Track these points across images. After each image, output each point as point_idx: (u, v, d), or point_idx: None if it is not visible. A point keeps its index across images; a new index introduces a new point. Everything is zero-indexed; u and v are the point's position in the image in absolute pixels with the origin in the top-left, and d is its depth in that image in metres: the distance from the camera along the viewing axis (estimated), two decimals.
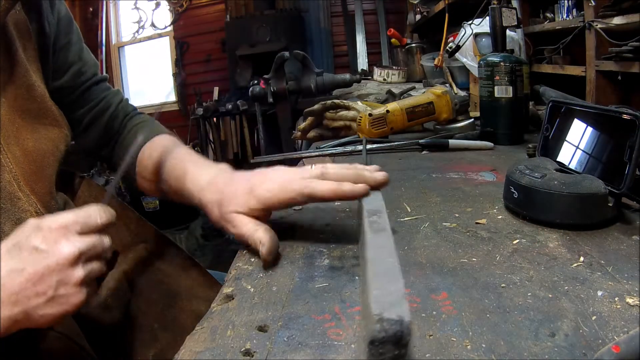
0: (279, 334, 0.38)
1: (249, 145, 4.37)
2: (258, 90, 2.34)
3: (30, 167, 0.58)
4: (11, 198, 0.55)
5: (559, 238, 0.52)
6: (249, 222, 0.53)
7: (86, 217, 0.47)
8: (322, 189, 0.50)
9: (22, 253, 0.43)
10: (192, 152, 0.68)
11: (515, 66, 1.00)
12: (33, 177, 0.58)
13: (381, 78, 2.77)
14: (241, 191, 0.54)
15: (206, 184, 0.59)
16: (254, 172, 0.57)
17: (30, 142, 0.59)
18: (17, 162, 0.56)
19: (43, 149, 0.60)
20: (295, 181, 0.52)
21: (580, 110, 0.65)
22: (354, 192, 0.50)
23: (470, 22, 1.42)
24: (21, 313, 0.42)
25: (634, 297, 0.39)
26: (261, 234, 0.51)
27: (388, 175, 0.52)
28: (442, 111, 1.14)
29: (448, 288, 0.43)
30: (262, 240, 0.50)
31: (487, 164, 0.88)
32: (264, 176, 0.55)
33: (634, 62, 1.03)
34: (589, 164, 0.61)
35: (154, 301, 0.72)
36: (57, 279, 0.43)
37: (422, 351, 0.34)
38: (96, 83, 0.75)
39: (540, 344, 0.34)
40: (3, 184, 0.54)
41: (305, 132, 1.26)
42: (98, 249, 0.47)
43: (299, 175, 0.53)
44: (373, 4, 4.45)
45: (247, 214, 0.53)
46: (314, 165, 0.54)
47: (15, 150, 0.57)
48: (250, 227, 0.52)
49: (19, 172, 0.56)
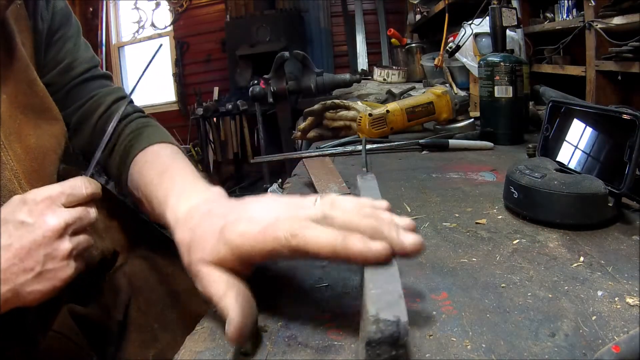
0: (279, 334, 0.38)
1: (249, 145, 4.37)
2: (258, 90, 2.34)
3: (32, 164, 0.57)
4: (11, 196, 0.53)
5: (559, 238, 0.52)
6: (218, 279, 0.38)
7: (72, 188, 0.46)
8: (318, 242, 0.35)
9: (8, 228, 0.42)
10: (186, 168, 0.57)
11: (515, 66, 1.00)
12: (34, 175, 0.57)
13: (381, 78, 2.77)
14: (211, 232, 0.40)
15: (182, 216, 0.46)
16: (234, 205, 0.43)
17: (33, 139, 0.58)
18: (19, 160, 0.55)
19: (45, 146, 0.59)
20: (283, 223, 0.36)
21: (580, 110, 0.65)
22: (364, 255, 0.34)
23: (470, 22, 1.42)
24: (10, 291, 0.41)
25: (634, 297, 0.39)
26: (229, 302, 0.36)
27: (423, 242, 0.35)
28: (442, 111, 1.14)
29: (448, 288, 0.43)
30: (229, 312, 0.35)
31: (487, 164, 0.88)
32: (243, 212, 0.40)
33: (634, 62, 1.03)
34: (589, 164, 0.61)
35: (154, 301, 0.72)
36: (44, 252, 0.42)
37: (422, 351, 0.34)
38: (88, 80, 0.69)
39: (540, 344, 0.34)
40: (3, 182, 0.53)
41: (305, 132, 1.26)
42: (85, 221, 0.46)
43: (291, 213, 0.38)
44: (373, 4, 4.46)
45: (217, 264, 0.39)
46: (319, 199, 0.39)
47: (17, 147, 0.55)
48: (218, 287, 0.37)
49: (20, 169, 0.55)
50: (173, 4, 4.81)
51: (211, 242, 0.39)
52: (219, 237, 0.39)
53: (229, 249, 0.38)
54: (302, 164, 0.93)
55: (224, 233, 0.39)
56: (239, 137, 4.45)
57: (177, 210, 0.48)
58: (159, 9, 4.92)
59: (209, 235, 0.40)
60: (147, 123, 0.69)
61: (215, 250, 0.39)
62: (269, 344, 0.37)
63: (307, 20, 4.52)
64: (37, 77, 0.59)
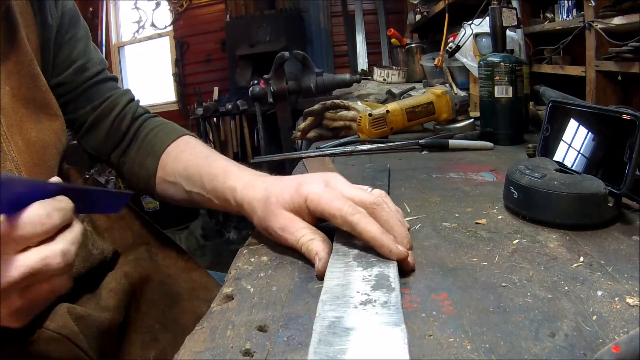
0: (278, 334, 0.38)
1: (249, 145, 4.37)
2: (258, 90, 2.34)
3: (32, 157, 0.57)
4: None
5: (559, 238, 0.52)
6: (304, 226, 0.48)
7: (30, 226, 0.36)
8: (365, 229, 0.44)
9: None
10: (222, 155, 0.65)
11: (515, 66, 1.00)
12: (35, 168, 0.57)
13: (381, 78, 2.77)
14: (288, 188, 0.50)
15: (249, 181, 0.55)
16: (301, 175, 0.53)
17: (34, 133, 0.57)
18: (20, 152, 0.55)
19: (46, 140, 0.59)
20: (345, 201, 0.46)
21: (580, 111, 0.65)
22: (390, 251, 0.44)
23: (470, 22, 1.42)
24: None
25: (634, 297, 0.39)
26: (317, 244, 0.46)
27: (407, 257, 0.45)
28: (442, 111, 1.14)
29: (448, 288, 0.43)
30: (318, 253, 0.45)
31: (487, 164, 0.88)
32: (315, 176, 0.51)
33: (634, 62, 1.03)
34: (589, 164, 0.61)
35: (155, 302, 0.72)
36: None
37: (422, 351, 0.34)
38: (101, 81, 0.71)
39: (540, 344, 0.34)
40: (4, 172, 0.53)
41: (305, 132, 1.26)
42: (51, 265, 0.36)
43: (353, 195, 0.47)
44: (373, 4, 4.46)
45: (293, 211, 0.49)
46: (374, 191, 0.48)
47: (18, 140, 0.55)
48: (305, 232, 0.47)
49: (21, 161, 0.55)
50: (173, 4, 4.81)
51: (289, 194, 0.49)
52: (295, 191, 0.49)
53: (303, 200, 0.48)
54: (302, 164, 0.93)
55: (299, 188, 0.49)
56: (239, 137, 4.45)
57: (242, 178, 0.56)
58: (159, 9, 4.92)
59: (286, 190, 0.50)
60: (163, 121, 0.74)
61: (293, 201, 0.49)
62: (269, 344, 0.37)
63: (307, 20, 4.52)
64: (40, 72, 0.60)
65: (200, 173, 0.62)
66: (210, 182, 0.60)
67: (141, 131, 0.72)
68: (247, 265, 0.51)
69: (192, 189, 0.64)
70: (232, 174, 0.58)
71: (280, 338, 0.37)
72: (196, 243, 3.68)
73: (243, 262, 0.52)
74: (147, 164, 0.69)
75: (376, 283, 0.42)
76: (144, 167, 0.70)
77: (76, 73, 0.68)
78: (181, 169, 0.65)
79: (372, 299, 0.40)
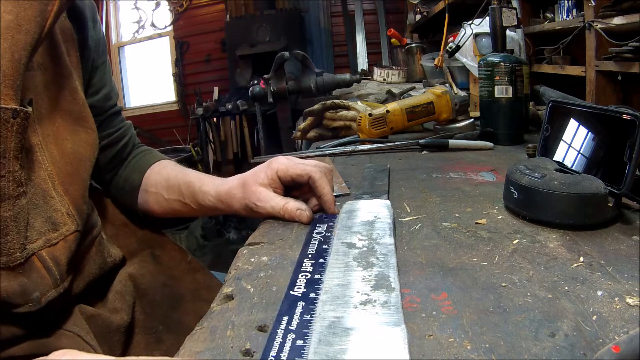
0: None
1: (249, 145, 4.37)
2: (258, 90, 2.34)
3: (67, 168, 0.58)
4: (44, 196, 0.54)
5: (559, 238, 0.52)
6: (275, 196, 0.59)
7: None
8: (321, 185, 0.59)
9: None
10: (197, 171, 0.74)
11: (515, 66, 1.00)
12: (68, 179, 0.58)
13: (381, 78, 2.77)
14: (260, 169, 0.62)
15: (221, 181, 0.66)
16: None
17: (69, 144, 0.59)
18: (54, 162, 0.57)
19: (81, 152, 0.61)
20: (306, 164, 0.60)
21: (580, 111, 0.65)
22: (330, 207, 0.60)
23: (470, 22, 1.42)
24: None
25: (634, 297, 0.39)
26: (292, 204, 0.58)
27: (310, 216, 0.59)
28: (442, 111, 1.14)
29: (448, 288, 0.43)
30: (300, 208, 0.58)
31: (487, 164, 0.88)
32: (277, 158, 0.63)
33: (634, 62, 1.03)
34: (589, 164, 0.61)
35: (159, 303, 0.72)
36: None
37: (422, 351, 0.34)
38: (118, 112, 0.78)
39: (540, 344, 0.34)
40: (38, 180, 0.54)
41: (305, 132, 1.26)
42: None
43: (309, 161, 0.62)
44: (373, 4, 4.46)
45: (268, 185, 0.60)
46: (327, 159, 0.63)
47: (53, 149, 0.57)
48: (278, 199, 0.59)
49: (54, 171, 0.56)
50: (173, 3, 4.81)
51: (263, 172, 0.61)
52: (267, 168, 0.61)
53: (274, 173, 0.60)
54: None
55: (270, 165, 0.61)
56: (239, 137, 4.45)
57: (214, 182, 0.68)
58: (159, 9, 4.91)
59: (259, 171, 0.62)
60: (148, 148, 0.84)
61: (266, 176, 0.60)
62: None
63: (307, 20, 4.52)
64: (78, 86, 0.62)
65: (179, 183, 0.72)
66: (187, 189, 0.70)
67: (131, 155, 0.81)
68: (247, 265, 0.51)
69: (171, 197, 0.73)
70: (205, 180, 0.69)
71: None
72: (196, 243, 3.68)
73: (243, 262, 0.52)
74: (132, 178, 0.77)
75: (376, 283, 0.42)
76: (129, 181, 0.78)
77: (105, 99, 0.74)
78: (162, 181, 0.74)
79: (372, 299, 0.40)
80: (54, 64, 0.59)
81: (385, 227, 0.54)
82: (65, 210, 0.56)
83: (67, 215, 0.56)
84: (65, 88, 0.60)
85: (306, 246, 0.53)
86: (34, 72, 0.55)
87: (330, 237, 0.55)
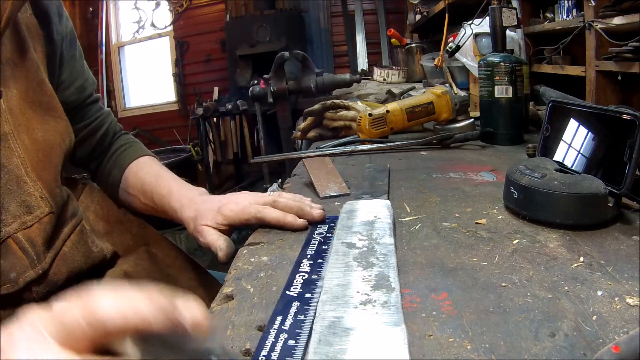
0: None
1: (249, 145, 4.37)
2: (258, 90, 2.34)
3: (38, 155, 0.60)
4: (18, 181, 0.57)
5: (559, 238, 0.52)
6: (214, 233, 0.64)
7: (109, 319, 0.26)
8: (271, 216, 0.61)
9: None
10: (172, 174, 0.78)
11: (515, 66, 1.00)
12: (40, 165, 0.60)
13: (381, 78, 2.77)
14: (210, 210, 0.66)
15: (187, 202, 0.70)
16: (224, 196, 0.69)
17: (40, 133, 0.62)
18: (26, 150, 0.59)
19: (51, 140, 0.63)
20: (253, 206, 0.63)
21: (580, 111, 0.65)
22: (293, 225, 0.60)
23: (470, 22, 1.42)
24: None
25: (634, 297, 0.39)
26: (221, 242, 0.62)
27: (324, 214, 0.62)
28: (442, 111, 1.14)
29: (448, 288, 0.43)
30: (220, 246, 0.62)
31: (487, 164, 0.88)
32: (231, 199, 0.66)
33: (634, 62, 1.02)
34: (589, 164, 0.61)
35: None
36: None
37: (422, 351, 0.34)
38: (94, 102, 0.80)
39: (540, 344, 0.34)
40: (11, 167, 0.57)
41: (305, 132, 1.26)
42: None
43: (258, 201, 0.64)
44: (373, 4, 4.45)
45: (214, 227, 0.65)
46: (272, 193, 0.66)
47: (25, 139, 0.59)
48: (215, 237, 0.64)
49: (27, 158, 0.59)
50: (173, 4, 4.81)
51: (212, 214, 0.65)
52: (216, 212, 0.65)
53: (223, 218, 0.64)
54: (302, 164, 0.93)
55: (220, 209, 0.65)
56: (239, 137, 4.44)
57: (181, 199, 0.71)
58: (159, 9, 4.91)
59: (209, 211, 0.66)
60: (131, 139, 0.86)
61: (214, 219, 0.65)
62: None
63: (307, 20, 4.52)
64: (46, 78, 0.65)
65: (152, 191, 0.75)
66: (159, 201, 0.74)
67: (114, 145, 0.83)
68: (247, 265, 0.51)
69: (147, 203, 0.77)
70: (174, 195, 0.72)
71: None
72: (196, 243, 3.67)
73: (243, 262, 0.52)
74: (113, 174, 0.80)
75: (376, 283, 0.42)
76: (110, 176, 0.81)
77: (78, 92, 0.76)
78: (139, 185, 0.77)
79: (372, 299, 0.40)
80: (22, 58, 0.61)
81: (385, 227, 0.54)
82: (39, 194, 0.59)
83: (40, 199, 0.59)
84: (33, 81, 0.62)
85: (306, 247, 0.53)
86: (3, 66, 0.58)
87: (330, 237, 0.55)
